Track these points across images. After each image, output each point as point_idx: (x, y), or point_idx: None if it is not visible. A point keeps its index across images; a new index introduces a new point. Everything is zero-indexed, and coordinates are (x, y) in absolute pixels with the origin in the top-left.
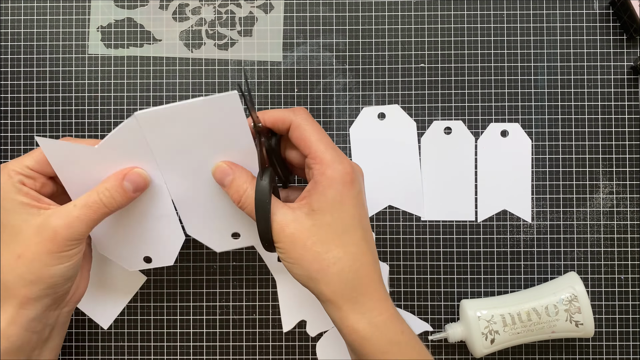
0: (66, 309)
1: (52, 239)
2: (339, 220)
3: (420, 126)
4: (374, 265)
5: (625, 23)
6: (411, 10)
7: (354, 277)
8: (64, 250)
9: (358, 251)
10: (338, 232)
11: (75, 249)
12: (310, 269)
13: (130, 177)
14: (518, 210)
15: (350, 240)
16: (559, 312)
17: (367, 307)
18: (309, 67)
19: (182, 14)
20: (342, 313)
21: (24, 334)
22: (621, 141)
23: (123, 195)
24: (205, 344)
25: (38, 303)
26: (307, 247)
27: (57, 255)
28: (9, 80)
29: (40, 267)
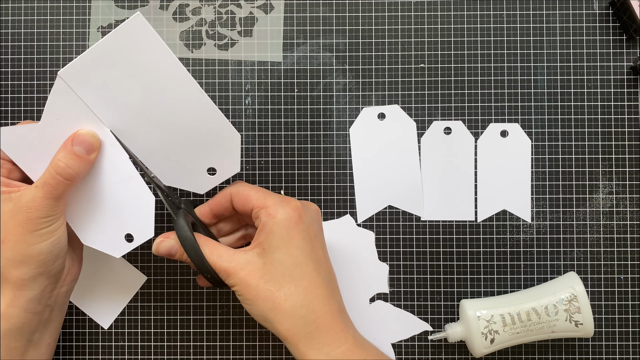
0: (64, 289)
1: (27, 220)
2: (287, 255)
3: (420, 126)
4: (330, 298)
5: (625, 23)
6: (411, 10)
7: (306, 312)
8: (42, 228)
9: (310, 284)
10: (289, 267)
11: (54, 224)
12: (264, 308)
13: (77, 139)
14: (518, 210)
15: (301, 274)
16: (558, 312)
17: (324, 341)
18: (309, 67)
19: (182, 14)
20: (300, 350)
21: (24, 315)
22: (621, 141)
23: (78, 161)
24: (205, 344)
25: (34, 283)
26: (259, 287)
27: (38, 234)
28: (9, 80)
29: (26, 247)
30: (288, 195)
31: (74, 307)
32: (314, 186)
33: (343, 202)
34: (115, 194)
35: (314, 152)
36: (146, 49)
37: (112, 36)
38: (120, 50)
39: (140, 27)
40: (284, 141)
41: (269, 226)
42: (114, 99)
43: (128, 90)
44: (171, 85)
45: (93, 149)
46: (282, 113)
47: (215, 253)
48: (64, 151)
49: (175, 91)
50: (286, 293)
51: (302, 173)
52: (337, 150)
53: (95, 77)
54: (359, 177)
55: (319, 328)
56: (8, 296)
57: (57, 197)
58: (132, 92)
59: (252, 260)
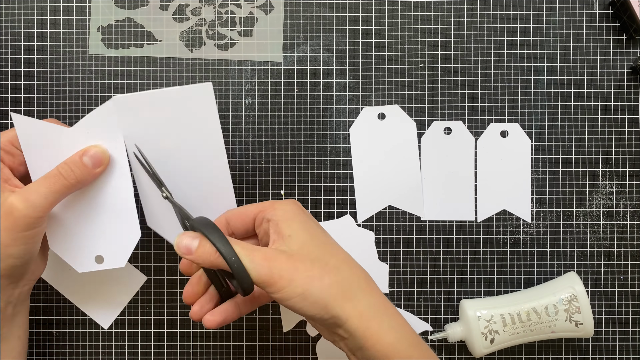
0: (27, 287)
1: (9, 214)
2: (314, 237)
3: (420, 126)
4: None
5: (625, 23)
6: (411, 10)
7: (360, 273)
8: (23, 230)
9: (345, 257)
10: (320, 245)
11: (34, 230)
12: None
13: (89, 151)
14: (518, 210)
15: (333, 249)
16: (558, 312)
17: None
18: (309, 67)
19: (183, 15)
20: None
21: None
22: (621, 141)
23: (83, 170)
24: (205, 344)
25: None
26: (307, 268)
27: (16, 236)
28: (9, 81)
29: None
30: (288, 195)
31: (74, 307)
32: (314, 186)
33: (343, 202)
34: (105, 216)
35: (314, 152)
36: (200, 112)
37: (177, 90)
38: (177, 103)
39: (205, 94)
40: (284, 141)
41: (282, 216)
42: (149, 136)
43: (164, 136)
44: (203, 148)
45: (100, 164)
46: (282, 113)
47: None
48: (74, 158)
49: (204, 154)
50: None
51: (302, 173)
52: (337, 150)
53: (143, 113)
54: (359, 177)
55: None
56: None
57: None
58: (167, 138)
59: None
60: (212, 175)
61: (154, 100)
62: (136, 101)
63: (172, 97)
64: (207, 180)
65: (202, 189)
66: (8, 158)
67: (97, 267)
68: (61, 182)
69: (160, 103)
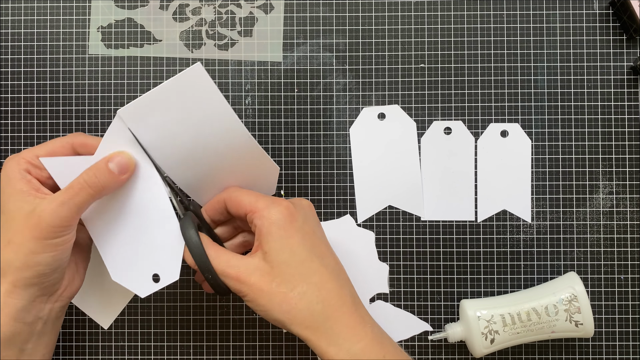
0: (58, 304)
1: (36, 225)
2: (291, 255)
3: (420, 126)
4: (342, 290)
5: (625, 23)
6: (411, 10)
7: (322, 307)
8: (49, 238)
9: (320, 280)
10: (296, 266)
11: (61, 238)
12: (280, 311)
13: (115, 157)
14: (518, 210)
15: (309, 271)
16: (558, 312)
17: (343, 336)
18: (309, 67)
19: (182, 14)
20: (321, 348)
21: (13, 324)
22: (621, 141)
23: (108, 176)
24: (205, 344)
25: (25, 292)
26: (272, 291)
27: (42, 243)
28: (9, 80)
29: (27, 253)
30: (288, 195)
31: (73, 307)
32: (314, 186)
33: (343, 202)
34: (150, 233)
35: (314, 152)
36: (202, 95)
37: (171, 82)
38: (178, 95)
39: (199, 75)
40: (284, 141)
41: (266, 228)
42: (167, 139)
43: (180, 133)
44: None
45: (126, 170)
46: (282, 113)
47: (222, 258)
48: (99, 164)
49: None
50: (300, 292)
51: (302, 173)
52: (337, 150)
53: (151, 118)
54: (359, 177)
55: (337, 322)
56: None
57: (75, 205)
58: (184, 135)
59: (259, 265)
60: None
61: (155, 101)
62: (139, 108)
63: (169, 91)
64: (240, 160)
65: (240, 170)
66: (35, 171)
67: (157, 286)
68: (86, 192)
69: (163, 102)
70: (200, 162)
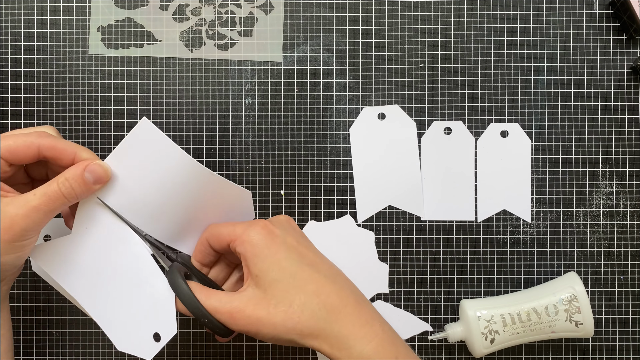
0: (6, 287)
1: (8, 229)
2: (280, 271)
3: (420, 126)
4: (342, 290)
5: (625, 23)
6: (411, 10)
7: (326, 313)
8: (19, 240)
9: (316, 286)
10: (288, 281)
11: (30, 240)
12: (287, 332)
13: (91, 167)
14: (518, 210)
15: (302, 281)
16: (558, 312)
17: (353, 337)
18: (309, 67)
19: (182, 14)
20: (334, 355)
21: None
22: (621, 141)
23: (83, 186)
24: (205, 344)
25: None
26: (271, 313)
27: (12, 245)
28: (9, 80)
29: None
30: (288, 195)
31: (74, 307)
32: (314, 186)
33: (343, 202)
34: (140, 294)
35: (314, 152)
36: (155, 148)
37: (124, 143)
38: (133, 154)
39: (147, 130)
40: (284, 141)
41: (250, 251)
42: (135, 199)
43: (147, 189)
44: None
45: (101, 180)
46: (282, 113)
47: (213, 299)
48: (75, 172)
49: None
50: (299, 305)
51: (302, 173)
52: (337, 150)
53: (115, 182)
54: (359, 177)
55: (344, 323)
56: None
57: (49, 212)
58: (151, 190)
59: (251, 294)
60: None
61: (114, 165)
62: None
63: (125, 151)
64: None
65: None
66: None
67: (159, 345)
68: (60, 201)
69: (122, 164)
70: (173, 212)
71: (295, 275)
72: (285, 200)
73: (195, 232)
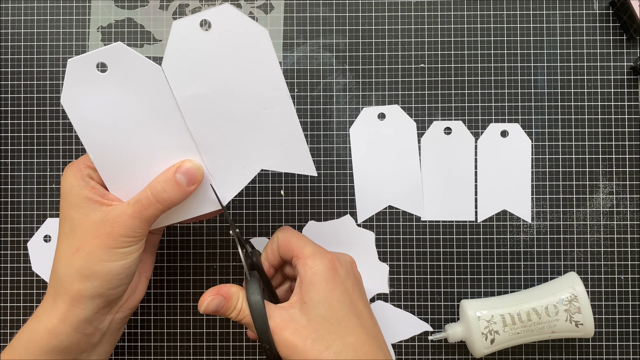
0: (119, 315)
1: (108, 234)
2: (330, 310)
3: (420, 126)
4: (378, 353)
5: (625, 23)
6: (411, 10)
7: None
8: (120, 247)
9: (356, 341)
10: (333, 323)
11: (131, 247)
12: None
13: (182, 168)
14: (518, 211)
15: (345, 330)
16: (558, 312)
17: None
18: (309, 67)
19: (182, 15)
20: None
21: (73, 334)
22: (621, 141)
23: (176, 189)
24: (205, 344)
25: (90, 302)
26: (307, 348)
27: (113, 252)
28: (9, 81)
29: (96, 261)
30: (288, 195)
31: None
32: (314, 186)
33: (343, 202)
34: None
35: (314, 152)
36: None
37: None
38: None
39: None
40: None
41: (308, 278)
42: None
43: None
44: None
45: (194, 180)
46: None
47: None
48: (165, 176)
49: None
50: (335, 351)
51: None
52: (337, 150)
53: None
54: (359, 177)
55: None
56: (61, 310)
57: (145, 219)
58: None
59: (295, 317)
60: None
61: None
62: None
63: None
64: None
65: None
66: (97, 176)
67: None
68: (154, 207)
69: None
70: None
71: (341, 321)
72: (285, 200)
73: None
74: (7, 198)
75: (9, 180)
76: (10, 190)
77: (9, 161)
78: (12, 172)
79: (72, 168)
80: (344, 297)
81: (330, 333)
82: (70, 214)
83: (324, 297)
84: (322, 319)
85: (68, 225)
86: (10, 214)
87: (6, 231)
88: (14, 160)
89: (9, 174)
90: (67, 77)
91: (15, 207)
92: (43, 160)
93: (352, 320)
